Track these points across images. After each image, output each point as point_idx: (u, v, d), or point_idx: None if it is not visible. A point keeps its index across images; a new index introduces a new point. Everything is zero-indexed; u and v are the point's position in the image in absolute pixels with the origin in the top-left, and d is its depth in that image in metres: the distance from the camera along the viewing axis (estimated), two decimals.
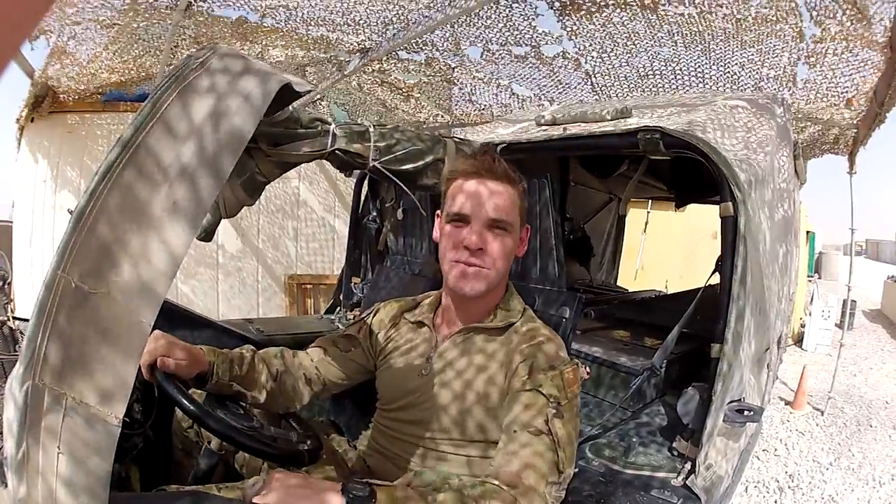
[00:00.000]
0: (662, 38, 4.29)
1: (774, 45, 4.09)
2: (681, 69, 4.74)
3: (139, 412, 1.86)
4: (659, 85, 5.00)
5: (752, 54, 4.28)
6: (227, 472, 1.94)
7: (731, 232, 1.97)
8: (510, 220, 1.69)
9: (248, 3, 4.24)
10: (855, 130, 5.22)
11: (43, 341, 0.94)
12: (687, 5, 3.78)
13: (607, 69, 4.85)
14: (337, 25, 4.57)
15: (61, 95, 5.78)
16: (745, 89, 4.67)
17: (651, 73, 4.86)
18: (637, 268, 10.00)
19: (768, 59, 4.27)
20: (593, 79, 5.04)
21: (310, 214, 7.41)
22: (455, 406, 1.69)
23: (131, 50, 4.97)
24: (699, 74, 4.74)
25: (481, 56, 4.87)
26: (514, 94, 5.68)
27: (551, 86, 5.30)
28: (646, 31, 4.21)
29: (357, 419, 2.65)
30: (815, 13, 3.61)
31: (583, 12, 4.00)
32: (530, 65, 4.90)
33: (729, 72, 4.61)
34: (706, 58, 4.49)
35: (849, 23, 3.59)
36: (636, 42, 4.38)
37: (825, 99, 4.65)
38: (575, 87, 5.27)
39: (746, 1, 3.65)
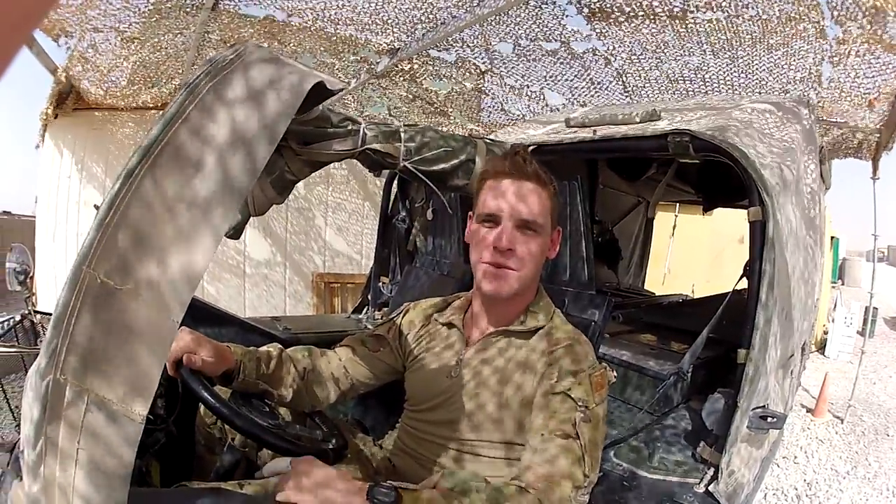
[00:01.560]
0: (691, 47, 4.28)
1: (799, 48, 4.07)
2: (710, 77, 4.75)
3: (162, 407, 1.86)
4: (689, 90, 5.01)
5: (779, 58, 4.26)
6: (250, 468, 1.94)
7: (759, 237, 1.95)
8: (541, 222, 1.67)
9: (276, 2, 4.25)
10: (878, 135, 5.16)
11: (66, 336, 0.93)
12: (715, 10, 3.75)
13: (637, 71, 4.85)
14: (365, 25, 4.57)
15: (84, 93, 5.83)
16: (773, 92, 4.65)
17: (681, 78, 4.86)
18: (665, 272, 9.96)
19: (794, 61, 4.25)
20: (624, 79, 5.03)
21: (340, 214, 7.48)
22: (483, 408, 1.68)
23: (153, 57, 5.00)
24: (728, 81, 4.74)
25: (512, 51, 4.85)
26: (546, 103, 5.67)
27: (584, 87, 5.27)
28: (675, 42, 4.20)
29: (382, 419, 2.64)
30: (836, 13, 3.58)
31: (611, 20, 3.99)
32: (561, 60, 4.88)
33: (756, 77, 4.59)
34: (734, 65, 4.49)
35: (869, 25, 3.56)
36: (665, 51, 4.37)
37: (849, 98, 4.62)
38: (607, 88, 5.25)
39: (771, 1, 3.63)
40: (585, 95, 5.40)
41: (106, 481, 0.91)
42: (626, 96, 5.25)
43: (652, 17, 3.89)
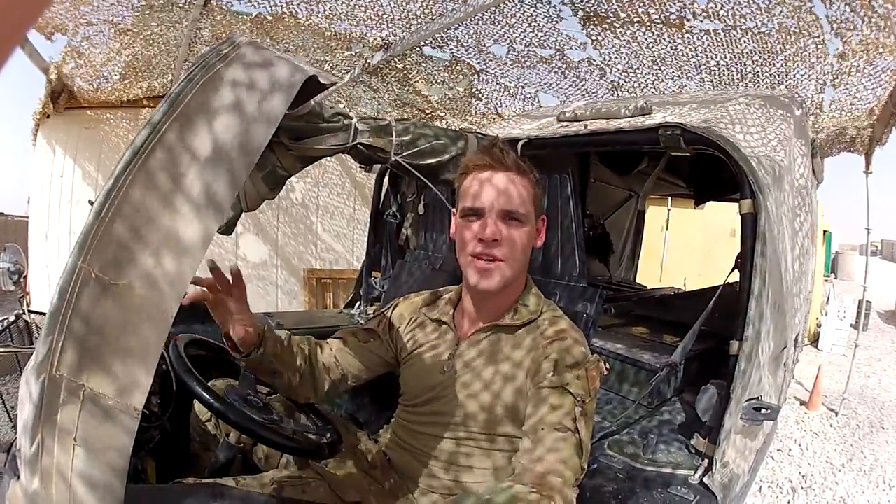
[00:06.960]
0: (689, 71, 4.28)
1: (802, 75, 4.08)
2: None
3: (157, 404, 1.86)
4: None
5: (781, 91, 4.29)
6: (245, 464, 1.95)
7: (750, 229, 1.95)
8: (523, 211, 1.66)
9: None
10: (871, 130, 5.19)
11: (61, 333, 0.94)
12: (712, 19, 3.75)
13: (633, 86, 4.84)
14: (360, 20, 4.56)
15: (77, 91, 5.82)
16: None
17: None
18: (662, 265, 10.00)
19: (797, 91, 4.26)
20: (619, 92, 5.03)
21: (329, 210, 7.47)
22: (477, 401, 1.67)
23: (146, 52, 4.99)
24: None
25: (507, 55, 4.84)
26: (540, 106, 5.64)
27: (578, 94, 5.25)
28: (672, 61, 4.19)
29: (376, 414, 2.65)
30: (835, 25, 3.58)
31: (606, 25, 3.98)
32: (555, 69, 4.87)
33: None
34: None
35: (870, 31, 3.56)
36: (662, 69, 4.36)
37: (849, 114, 4.65)
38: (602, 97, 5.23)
39: (770, 12, 3.63)
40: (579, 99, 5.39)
41: (103, 476, 0.91)
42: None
43: (648, 23, 3.88)
